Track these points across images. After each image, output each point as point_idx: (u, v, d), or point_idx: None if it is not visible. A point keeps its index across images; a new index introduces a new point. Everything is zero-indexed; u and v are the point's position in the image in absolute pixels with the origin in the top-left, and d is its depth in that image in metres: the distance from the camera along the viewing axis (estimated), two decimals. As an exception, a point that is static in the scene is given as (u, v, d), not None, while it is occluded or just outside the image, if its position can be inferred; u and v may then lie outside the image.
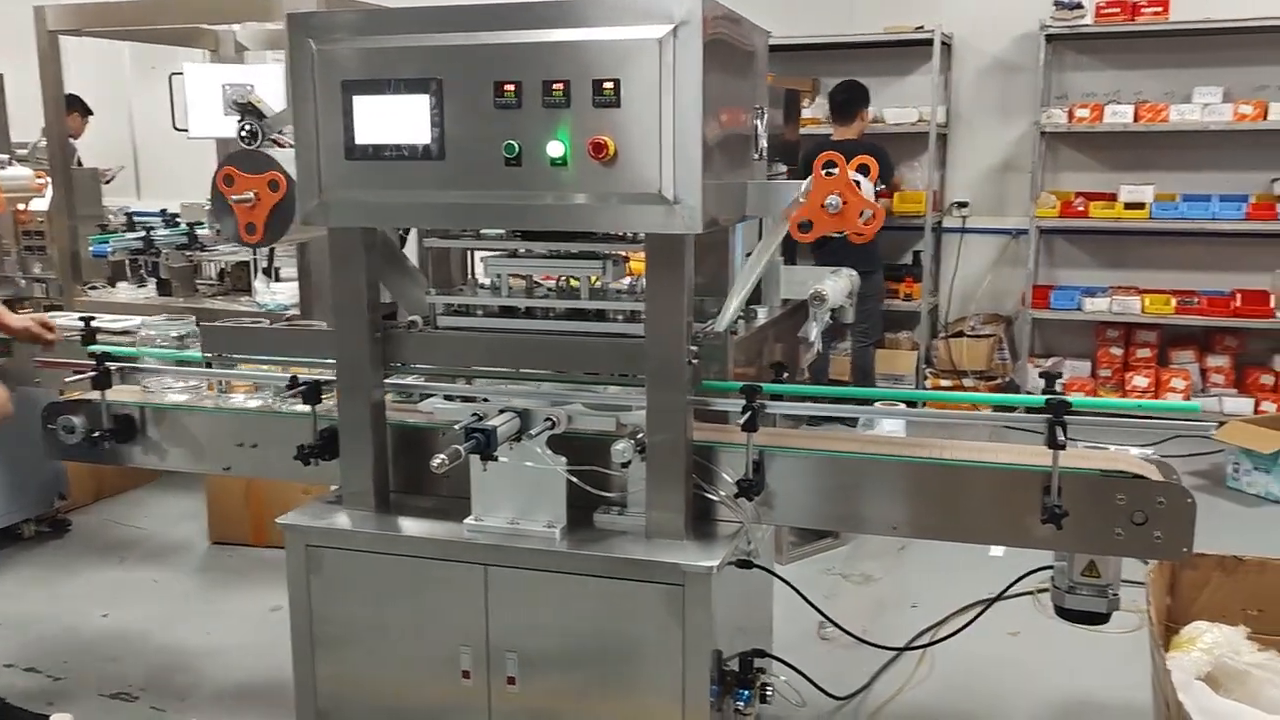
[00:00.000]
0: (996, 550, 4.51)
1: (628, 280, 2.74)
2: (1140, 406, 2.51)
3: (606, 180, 2.25)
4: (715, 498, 2.52)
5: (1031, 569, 2.76)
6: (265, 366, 3.09)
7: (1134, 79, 6.93)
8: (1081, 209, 6.81)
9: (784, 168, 5.54)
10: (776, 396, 2.62)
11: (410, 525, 2.61)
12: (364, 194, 2.42)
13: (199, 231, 5.59)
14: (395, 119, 2.35)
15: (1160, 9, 6.53)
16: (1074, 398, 2.34)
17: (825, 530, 4.71)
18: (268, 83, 5.30)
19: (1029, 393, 6.42)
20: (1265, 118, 6.37)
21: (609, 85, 2.20)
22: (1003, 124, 7.29)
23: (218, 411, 2.99)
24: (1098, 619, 2.57)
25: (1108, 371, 7.02)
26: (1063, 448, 2.27)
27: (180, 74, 5.60)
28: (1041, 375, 2.54)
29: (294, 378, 2.78)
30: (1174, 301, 6.70)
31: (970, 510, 2.45)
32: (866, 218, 2.35)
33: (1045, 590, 3.79)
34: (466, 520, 2.54)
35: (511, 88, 2.26)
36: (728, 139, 2.40)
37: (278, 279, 5.62)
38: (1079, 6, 6.64)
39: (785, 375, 2.79)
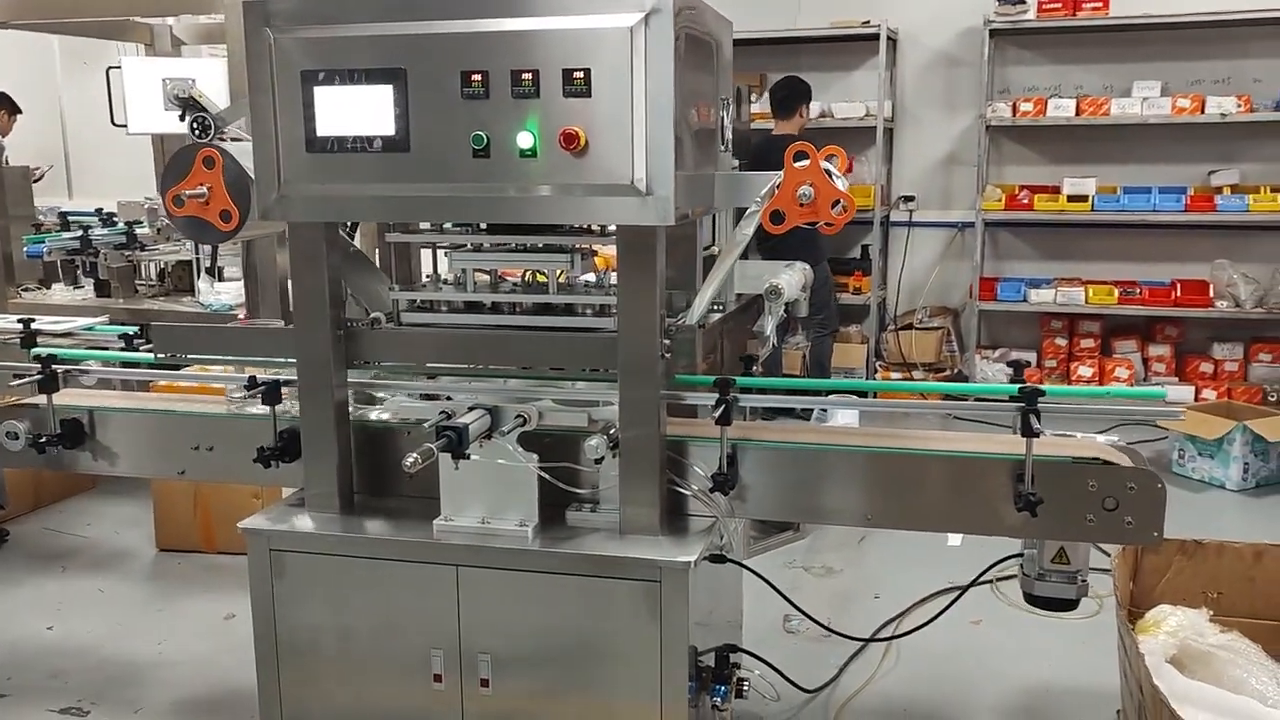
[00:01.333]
0: (954, 540, 4.57)
1: (591, 275, 2.70)
2: (1108, 393, 2.53)
3: (577, 171, 2.21)
4: (689, 492, 2.49)
5: (987, 556, 2.76)
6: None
7: (1075, 73, 7.06)
8: (1026, 202, 6.91)
9: (735, 161, 5.52)
10: (745, 389, 2.60)
11: (377, 527, 2.55)
12: (326, 188, 2.36)
13: (139, 231, 5.45)
14: (358, 110, 2.29)
15: (1100, 4, 6.64)
16: (1045, 386, 2.35)
17: (785, 523, 4.72)
18: (209, 77, 5.18)
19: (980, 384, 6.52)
20: (1202, 111, 6.52)
21: (579, 75, 2.17)
22: (948, 118, 7.37)
23: (171, 414, 2.89)
24: (1067, 605, 2.58)
25: (1053, 362, 7.14)
26: (1037, 436, 2.28)
27: (118, 68, 5.45)
28: (1009, 364, 2.55)
29: (252, 378, 2.70)
30: (1117, 292, 6.83)
31: (943, 499, 2.44)
32: (839, 208, 2.34)
33: (1005, 579, 3.85)
34: (436, 521, 2.48)
35: (479, 78, 2.21)
36: (696, 130, 2.37)
37: (221, 278, 5.49)
38: (1021, 2, 6.74)
39: (756, 368, 2.77)
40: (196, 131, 2.75)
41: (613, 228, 2.45)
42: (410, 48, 2.24)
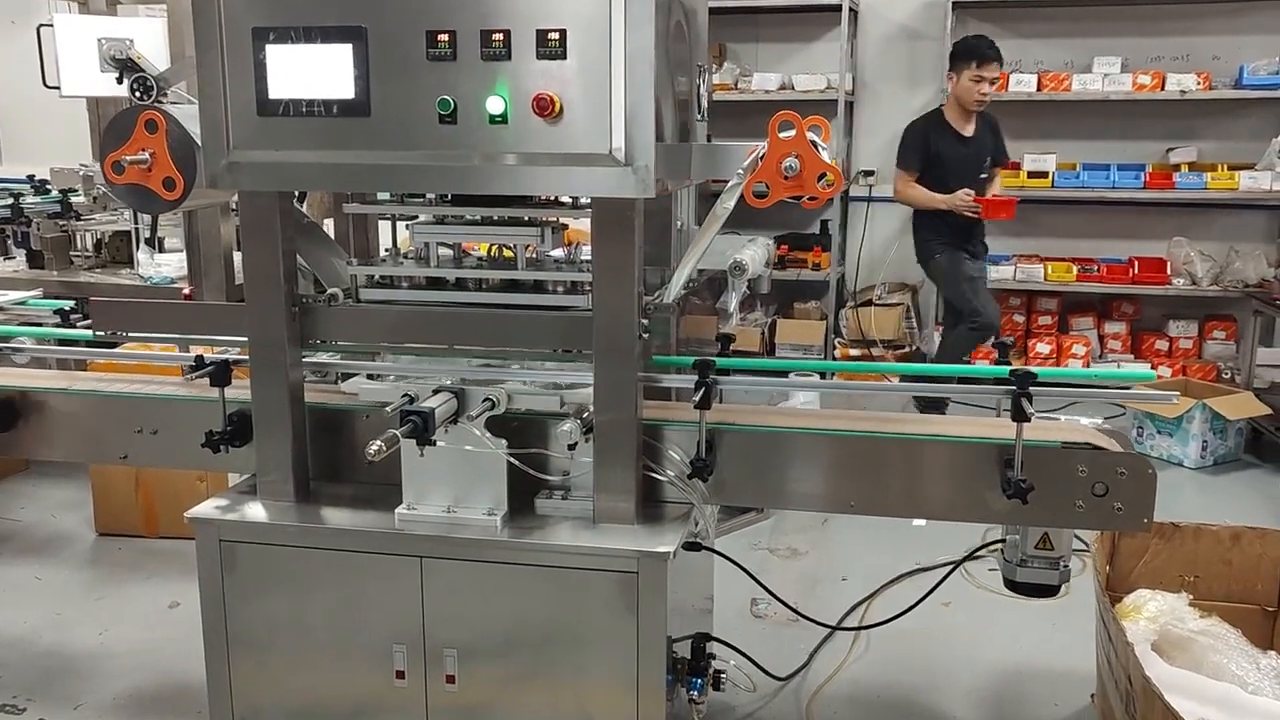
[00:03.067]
0: (919, 521, 4.52)
1: (560, 251, 2.57)
2: (1097, 376, 2.46)
3: (552, 139, 2.08)
4: (665, 479, 2.38)
5: (952, 538, 2.70)
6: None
7: (1036, 48, 7.00)
8: (986, 177, 6.85)
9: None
10: (723, 371, 2.49)
11: (335, 516, 2.40)
12: (279, 154, 2.20)
13: (74, 199, 5.20)
14: (314, 71, 2.14)
15: (1062, -22, 6.59)
16: (1037, 369, 2.27)
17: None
18: (147, 38, 4.92)
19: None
20: (1162, 88, 6.49)
21: (554, 36, 2.04)
22: (909, 92, 7.29)
23: (112, 396, 2.71)
24: (1049, 592, 2.51)
25: (1010, 339, 7.10)
26: (1028, 420, 2.19)
27: (49, 26, 5.17)
28: (995, 346, 2.47)
29: (199, 357, 2.54)
30: (1075, 269, 6.82)
31: (929, 485, 2.36)
32: (824, 181, 2.22)
33: (973, 560, 3.80)
34: (398, 509, 2.34)
35: (445, 38, 2.08)
36: (676, 97, 2.25)
37: (161, 250, 5.26)
38: (984, -25, 6.67)
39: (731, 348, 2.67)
40: (138, 93, 2.58)
41: (586, 200, 2.32)
42: (371, 4, 2.10)
